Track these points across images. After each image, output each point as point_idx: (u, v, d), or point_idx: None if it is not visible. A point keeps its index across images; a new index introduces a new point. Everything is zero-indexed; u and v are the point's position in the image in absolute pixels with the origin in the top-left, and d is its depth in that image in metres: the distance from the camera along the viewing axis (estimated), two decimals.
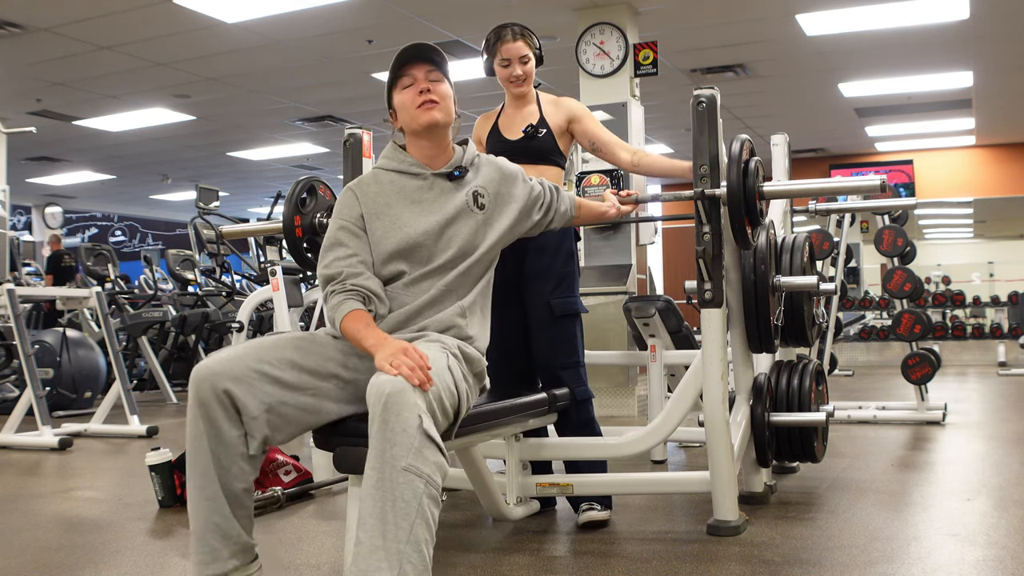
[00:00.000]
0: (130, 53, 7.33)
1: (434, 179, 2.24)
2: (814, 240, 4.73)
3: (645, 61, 6.29)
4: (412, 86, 2.22)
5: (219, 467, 1.87)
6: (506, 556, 2.51)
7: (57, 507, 3.37)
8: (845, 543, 2.51)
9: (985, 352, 10.56)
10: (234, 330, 5.39)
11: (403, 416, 1.71)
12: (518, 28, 2.91)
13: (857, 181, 2.81)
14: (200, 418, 1.85)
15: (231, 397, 1.84)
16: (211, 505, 1.89)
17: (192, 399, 1.86)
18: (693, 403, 2.72)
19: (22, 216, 15.36)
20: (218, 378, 1.84)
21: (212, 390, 1.84)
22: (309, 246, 3.01)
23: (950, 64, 8.22)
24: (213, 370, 1.85)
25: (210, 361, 1.88)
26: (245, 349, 1.93)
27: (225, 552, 1.91)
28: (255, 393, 1.87)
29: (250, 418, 1.86)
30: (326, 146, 11.19)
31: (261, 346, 1.94)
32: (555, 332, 2.84)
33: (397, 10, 6.51)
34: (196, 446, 1.87)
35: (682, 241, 12.30)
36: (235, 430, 1.87)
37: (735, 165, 2.60)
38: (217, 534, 1.90)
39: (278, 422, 1.90)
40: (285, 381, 1.91)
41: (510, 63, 2.90)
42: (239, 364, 1.87)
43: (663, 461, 3.99)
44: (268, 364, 1.90)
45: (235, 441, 1.87)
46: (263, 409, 1.87)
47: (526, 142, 2.92)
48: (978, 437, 4.65)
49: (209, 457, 1.87)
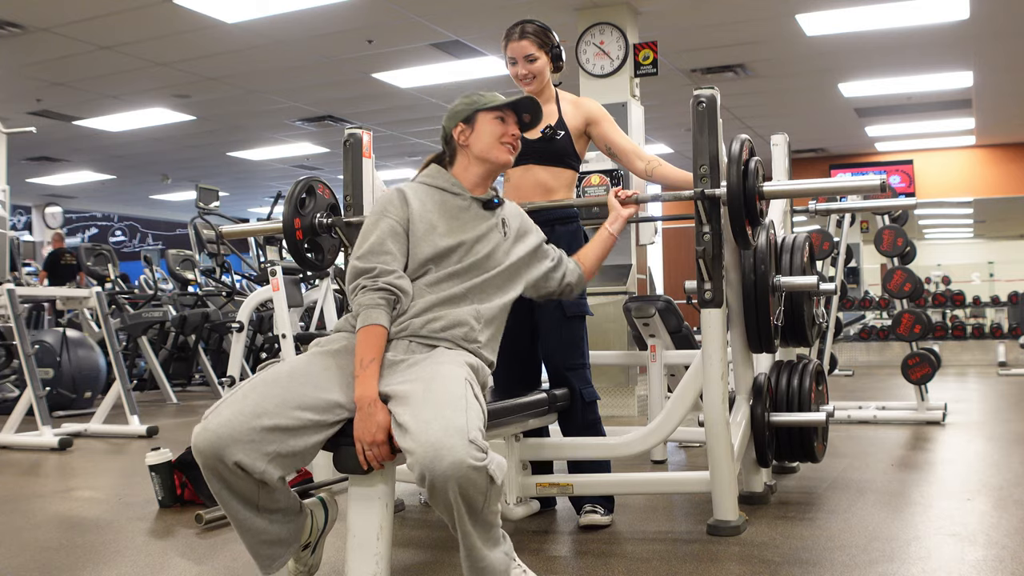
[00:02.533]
0: (130, 53, 7.33)
1: (472, 202, 2.30)
2: (814, 240, 4.72)
3: (645, 61, 6.28)
4: (505, 125, 2.30)
5: (247, 505, 1.93)
6: None
7: (57, 507, 3.38)
8: (845, 543, 2.51)
9: (985, 352, 10.56)
10: (234, 330, 5.40)
11: (474, 500, 1.80)
12: (530, 27, 2.88)
13: (857, 181, 2.81)
14: (215, 480, 1.89)
15: (238, 464, 1.85)
16: (251, 532, 1.97)
17: (201, 465, 1.88)
18: (693, 403, 2.72)
19: (22, 216, 15.36)
20: (220, 449, 1.84)
21: (218, 460, 1.85)
22: (309, 246, 3.00)
23: (950, 64, 8.22)
24: (213, 442, 1.84)
25: (211, 425, 1.86)
26: (243, 402, 1.90)
27: (280, 550, 2.01)
28: (258, 449, 1.86)
29: (259, 472, 1.87)
30: (326, 146, 11.19)
31: (260, 395, 1.91)
32: (565, 333, 2.85)
33: (397, 10, 6.51)
34: (220, 498, 1.92)
35: (682, 241, 12.30)
36: (250, 483, 1.89)
37: (735, 165, 2.60)
38: (267, 545, 1.99)
39: (287, 462, 1.91)
40: (287, 427, 1.89)
41: (516, 61, 2.89)
42: (239, 426, 1.85)
43: (663, 461, 3.99)
44: (268, 416, 1.88)
45: (253, 489, 1.91)
46: (267, 460, 1.87)
47: (544, 144, 2.88)
48: (978, 437, 4.65)
49: (236, 503, 1.92)
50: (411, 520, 3.00)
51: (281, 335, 4.25)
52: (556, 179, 2.93)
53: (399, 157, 12.08)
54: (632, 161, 2.96)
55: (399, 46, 7.39)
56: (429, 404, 1.83)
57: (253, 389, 1.93)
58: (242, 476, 1.87)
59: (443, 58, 7.69)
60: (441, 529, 2.86)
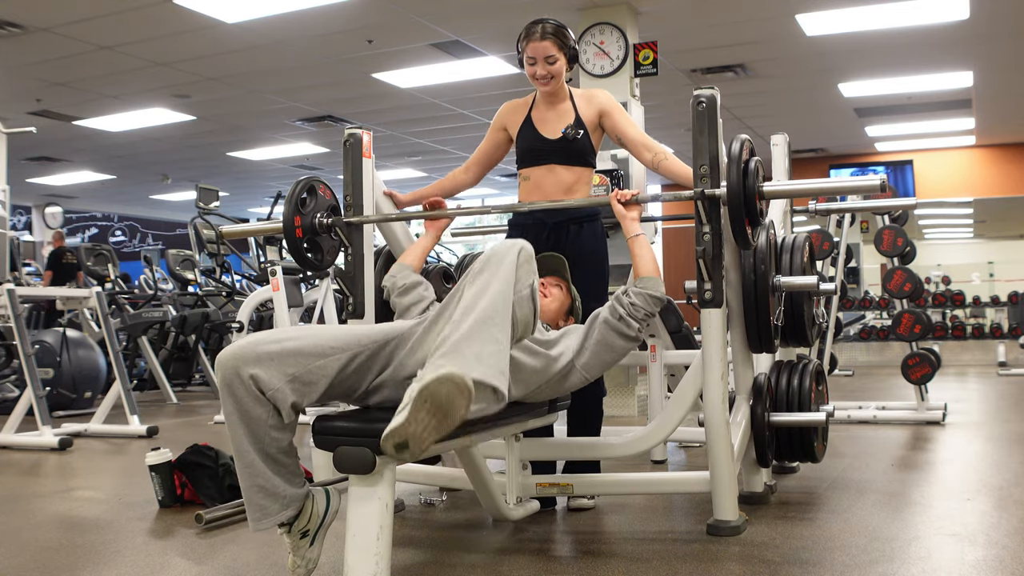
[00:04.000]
0: (130, 53, 7.33)
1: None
2: (814, 240, 4.73)
3: (645, 61, 6.28)
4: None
5: (252, 439, 2.02)
6: (506, 556, 2.51)
7: (57, 507, 3.37)
8: (845, 543, 2.51)
9: (985, 352, 10.55)
10: (234, 330, 5.40)
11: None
12: (550, 27, 2.90)
13: (857, 181, 2.81)
14: (228, 398, 2.00)
15: (254, 379, 1.97)
16: (250, 471, 2.04)
17: (219, 382, 2.01)
18: (693, 403, 2.72)
19: (22, 216, 15.36)
20: (239, 362, 1.98)
21: (236, 373, 1.98)
22: (309, 246, 2.99)
23: (950, 64, 8.22)
24: (235, 354, 1.99)
25: (233, 346, 2.02)
26: (266, 332, 2.08)
27: (274, 507, 2.07)
28: (277, 367, 2.00)
29: (274, 390, 1.99)
30: (326, 146, 11.19)
31: (282, 328, 2.10)
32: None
33: (397, 10, 6.51)
34: (229, 422, 2.02)
35: (682, 241, 12.29)
36: (260, 408, 2.00)
37: (735, 165, 2.60)
38: (262, 494, 2.06)
39: (304, 388, 2.04)
40: (306, 351, 2.05)
41: (536, 61, 2.90)
42: (260, 345, 2.01)
43: (663, 461, 3.99)
44: (288, 339, 2.05)
45: (262, 417, 2.01)
46: (286, 380, 2.01)
47: (565, 144, 2.95)
48: (978, 437, 4.65)
49: (242, 431, 2.01)
50: (411, 520, 3.00)
51: None
52: (577, 177, 3.01)
53: (399, 157, 12.08)
54: (640, 152, 3.00)
55: (399, 46, 7.39)
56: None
57: (279, 329, 2.15)
58: (253, 399, 1.98)
59: (443, 58, 7.69)
60: (441, 529, 2.86)
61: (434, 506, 3.18)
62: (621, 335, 2.53)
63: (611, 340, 2.52)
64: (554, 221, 3.01)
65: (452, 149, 11.60)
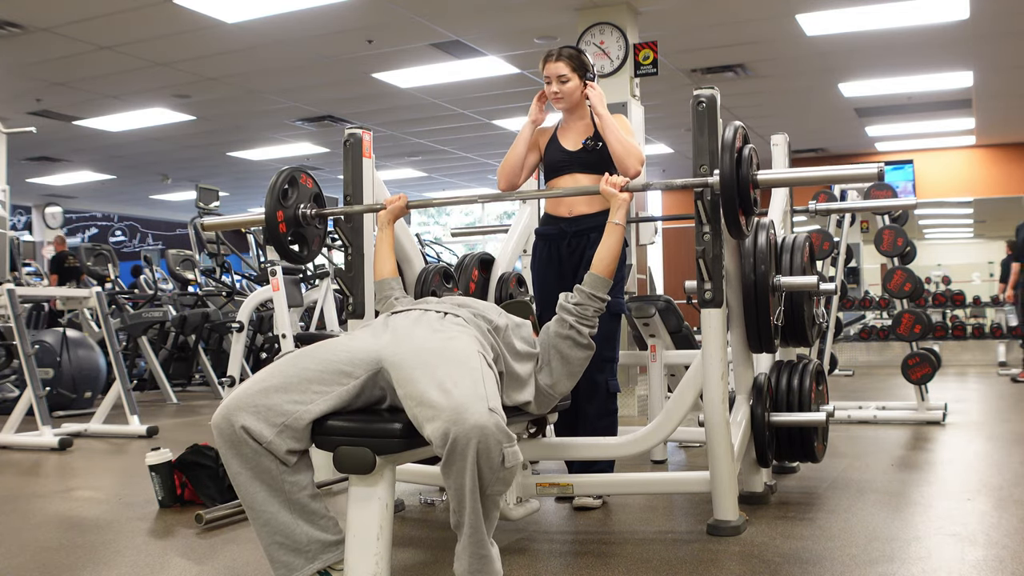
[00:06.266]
0: (130, 53, 7.32)
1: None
2: (814, 240, 4.72)
3: (645, 61, 6.28)
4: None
5: (271, 491, 1.95)
6: (506, 556, 2.50)
7: (57, 507, 3.37)
8: (845, 543, 2.51)
9: (985, 352, 10.55)
10: (234, 330, 5.39)
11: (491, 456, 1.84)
12: (565, 50, 3.13)
13: (853, 169, 2.76)
14: (233, 458, 1.94)
15: (246, 430, 1.91)
16: (267, 530, 1.96)
17: (219, 443, 1.95)
18: (693, 403, 2.72)
19: (22, 216, 15.35)
20: (230, 413, 1.93)
21: (230, 427, 1.92)
22: (293, 238, 2.91)
23: (950, 64, 8.22)
24: (226, 407, 1.95)
25: (221, 405, 1.97)
26: (251, 379, 2.02)
27: (299, 561, 1.97)
28: (265, 417, 1.93)
29: (267, 442, 1.93)
30: (326, 146, 11.19)
31: (267, 370, 2.03)
32: (603, 327, 2.87)
33: (397, 10, 6.51)
34: (238, 483, 1.95)
35: (682, 241, 12.30)
36: (266, 459, 1.94)
37: (728, 152, 2.56)
38: (283, 550, 1.97)
39: (296, 434, 1.96)
40: (293, 397, 1.97)
41: (551, 81, 3.13)
42: (246, 395, 1.96)
43: (663, 461, 3.99)
44: (274, 388, 1.97)
45: (272, 466, 1.94)
46: (276, 431, 1.93)
47: (584, 154, 3.14)
48: (978, 437, 4.65)
49: (256, 487, 1.94)
50: (411, 520, 3.00)
51: (281, 335, 4.25)
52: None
53: (399, 157, 12.08)
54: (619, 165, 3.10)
55: (399, 46, 7.38)
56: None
57: (264, 370, 2.05)
58: (255, 450, 1.91)
59: (443, 58, 7.69)
60: (441, 529, 2.86)
61: (434, 506, 3.18)
62: (576, 344, 2.47)
63: (566, 352, 2.46)
64: (575, 229, 3.15)
65: (452, 149, 11.60)
